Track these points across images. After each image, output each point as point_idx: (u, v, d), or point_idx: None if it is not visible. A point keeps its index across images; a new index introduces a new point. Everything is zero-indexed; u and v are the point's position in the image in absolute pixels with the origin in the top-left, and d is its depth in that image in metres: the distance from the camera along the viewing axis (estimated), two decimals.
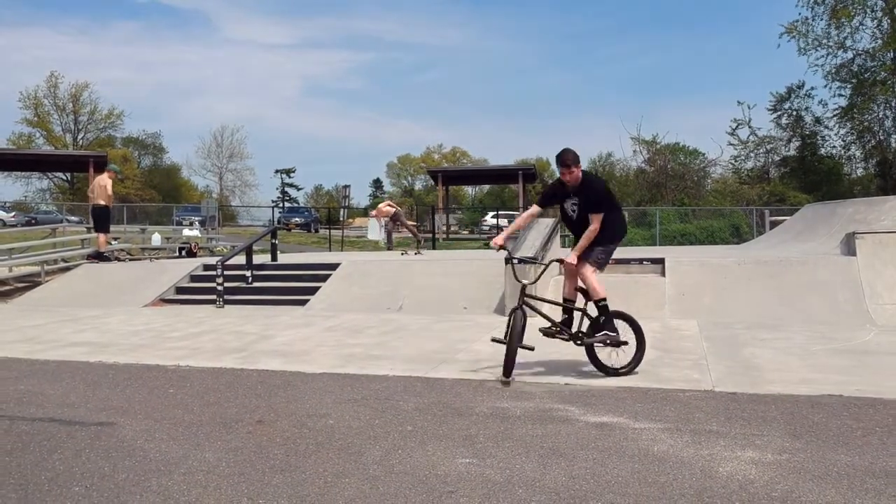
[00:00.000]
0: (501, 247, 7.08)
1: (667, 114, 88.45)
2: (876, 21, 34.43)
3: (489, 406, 5.98)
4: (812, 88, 37.89)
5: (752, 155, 38.21)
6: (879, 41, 34.46)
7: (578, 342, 7.13)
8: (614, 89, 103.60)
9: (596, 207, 6.95)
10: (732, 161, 38.81)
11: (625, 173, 47.18)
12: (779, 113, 38.06)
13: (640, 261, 13.29)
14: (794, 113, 38.03)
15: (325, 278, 14.36)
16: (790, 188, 33.95)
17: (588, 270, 7.06)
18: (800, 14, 36.18)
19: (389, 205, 22.00)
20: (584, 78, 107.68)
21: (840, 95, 36.35)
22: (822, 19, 34.89)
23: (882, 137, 35.82)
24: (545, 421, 5.50)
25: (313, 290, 13.82)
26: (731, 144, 38.65)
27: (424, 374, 7.33)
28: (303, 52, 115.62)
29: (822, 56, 35.40)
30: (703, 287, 11.90)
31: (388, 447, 4.87)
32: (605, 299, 7.02)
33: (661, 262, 12.93)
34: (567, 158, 6.89)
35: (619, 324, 7.15)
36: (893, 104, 34.85)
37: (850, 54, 35.24)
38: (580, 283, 7.19)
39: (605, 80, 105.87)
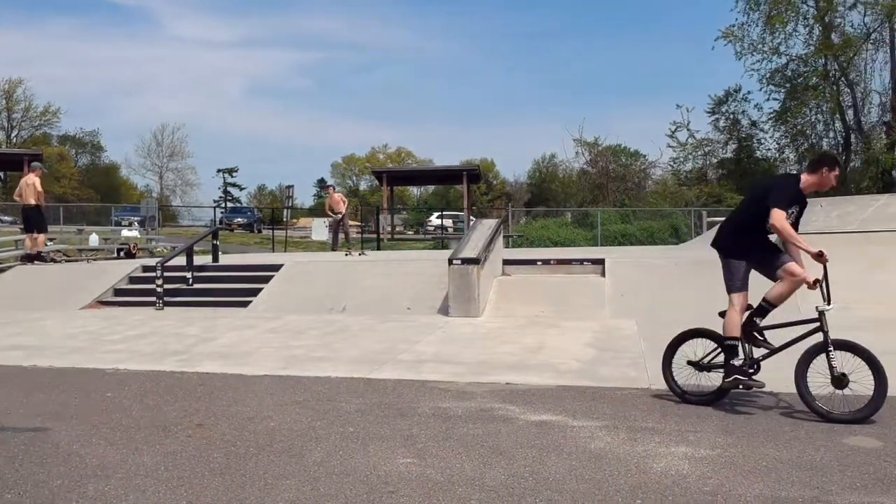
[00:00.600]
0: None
1: (609, 116, 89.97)
2: (808, 28, 35.57)
3: (431, 406, 6.03)
4: (748, 92, 38.95)
5: (690, 157, 39.16)
6: (811, 47, 35.59)
7: None
8: (558, 91, 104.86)
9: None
10: (672, 163, 39.72)
11: (568, 174, 47.88)
12: (716, 116, 39.06)
13: (581, 261, 13.49)
14: (732, 116, 39.06)
15: (267, 279, 14.24)
16: (727, 189, 34.84)
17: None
18: (736, 19, 37.16)
19: (343, 200, 20.88)
20: (529, 79, 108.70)
21: (774, 99, 37.44)
22: (757, 25, 35.91)
23: (814, 140, 37.00)
24: (486, 420, 5.57)
25: (256, 292, 13.70)
26: (671, 147, 39.54)
27: (367, 375, 7.35)
28: (247, 50, 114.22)
29: (758, 61, 36.38)
30: (642, 287, 12.13)
31: (330, 448, 4.88)
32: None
33: (601, 262, 13.15)
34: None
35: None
36: (824, 108, 36.01)
37: (783, 59, 36.34)
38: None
39: (549, 81, 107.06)
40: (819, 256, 5.71)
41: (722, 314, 6.25)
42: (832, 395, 5.62)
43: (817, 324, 5.89)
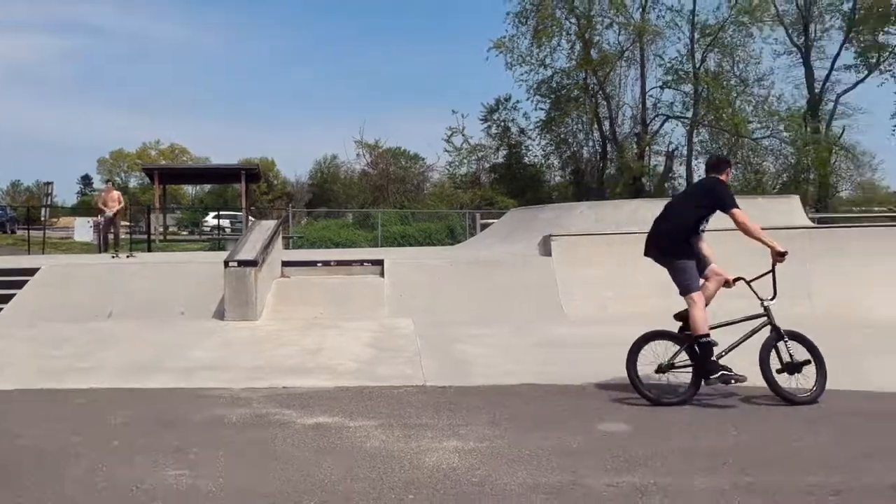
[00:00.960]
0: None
1: (391, 119, 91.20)
2: (571, 44, 38.25)
3: (204, 415, 5.83)
4: (517, 101, 41.16)
5: (465, 161, 40.76)
6: (573, 62, 38.29)
7: None
8: (341, 92, 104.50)
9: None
10: (448, 167, 41.09)
11: (349, 175, 48.05)
12: (489, 123, 40.93)
13: (361, 262, 13.60)
14: (503, 123, 41.07)
15: (21, 284, 13.03)
16: (499, 193, 36.58)
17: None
18: (506, 31, 39.17)
19: (120, 199, 19.02)
20: (314, 80, 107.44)
21: (541, 109, 39.84)
22: (525, 38, 38.05)
23: (576, 148, 39.87)
24: (262, 426, 5.48)
25: (7, 298, 12.49)
26: (447, 151, 40.88)
27: (134, 384, 6.96)
28: (2, 34, 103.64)
29: (526, 72, 38.54)
30: (420, 287, 12.45)
31: (91, 464, 4.57)
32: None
33: (380, 263, 13.33)
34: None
35: None
36: (584, 119, 38.87)
37: (549, 72, 38.79)
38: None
39: (332, 82, 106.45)
40: (782, 255, 6.15)
41: (678, 317, 6.56)
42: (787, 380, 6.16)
43: (764, 317, 6.40)
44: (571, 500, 3.98)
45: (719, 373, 6.12)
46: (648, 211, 15.63)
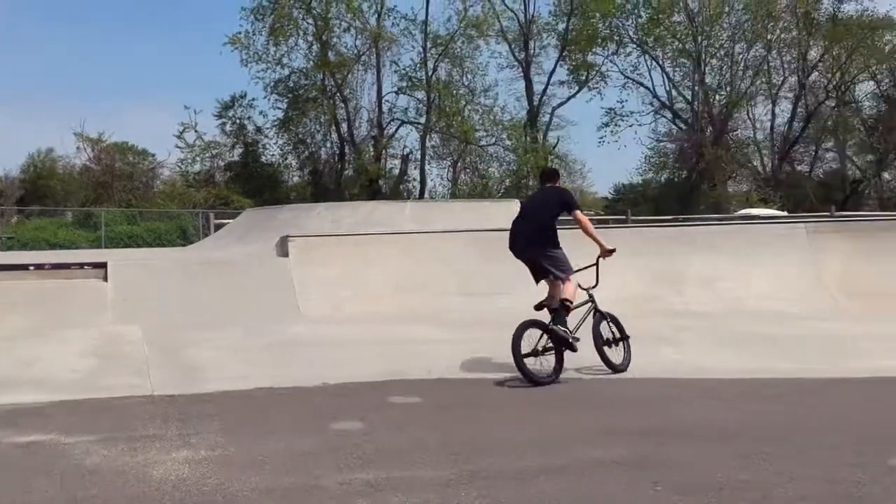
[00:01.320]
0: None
1: (117, 112, 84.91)
2: (309, 44, 38.22)
3: None
4: (254, 99, 40.25)
5: (199, 159, 39.18)
6: (311, 63, 38.29)
7: None
8: (58, 82, 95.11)
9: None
10: (180, 164, 39.27)
11: (69, 171, 44.16)
12: (224, 120, 39.65)
13: (82, 265, 12.60)
14: (238, 121, 40.01)
15: None
16: (235, 192, 35.56)
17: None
18: (241, 27, 38.17)
19: None
20: (24, 68, 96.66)
21: (278, 108, 39.35)
22: (262, 35, 37.42)
23: (314, 149, 39.88)
24: None
25: None
26: (179, 147, 39.06)
27: None
28: None
29: (263, 70, 37.91)
30: (148, 291, 11.78)
31: None
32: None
33: (103, 265, 12.43)
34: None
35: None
36: (322, 121, 39.01)
37: (286, 71, 38.45)
38: None
39: (47, 70, 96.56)
40: (609, 252, 7.79)
41: (538, 307, 7.68)
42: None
43: (590, 303, 7.92)
44: (305, 501, 4.03)
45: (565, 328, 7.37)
46: (384, 213, 16.21)
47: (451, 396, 6.46)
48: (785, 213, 31.78)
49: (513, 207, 16.95)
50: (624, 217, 27.25)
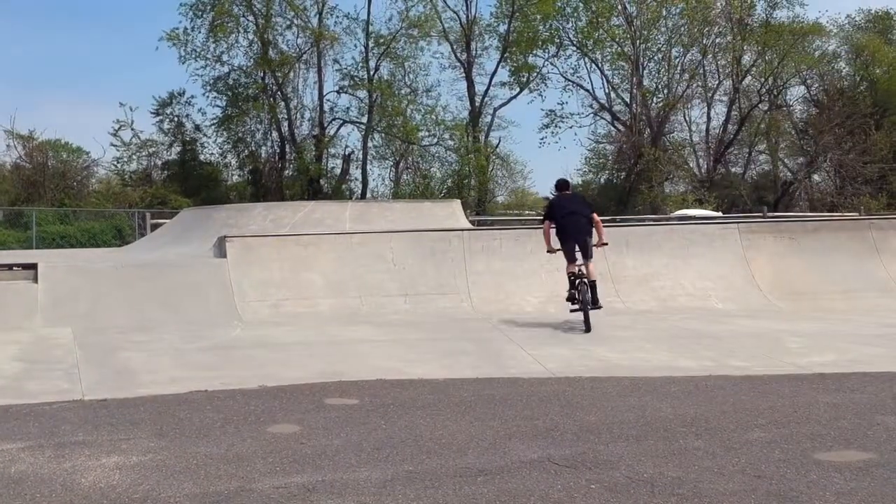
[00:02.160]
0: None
1: (50, 108, 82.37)
2: (249, 42, 37.70)
3: None
4: (192, 97, 39.46)
5: (135, 157, 38.30)
6: (252, 60, 37.78)
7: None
8: None
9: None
10: (116, 163, 38.33)
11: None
12: (161, 117, 38.79)
13: (10, 266, 12.23)
14: (176, 119, 39.17)
15: None
16: (172, 191, 34.82)
17: None
18: (180, 23, 37.43)
19: None
20: None
21: (217, 106, 38.67)
22: (200, 31, 36.75)
23: (254, 148, 39.31)
24: None
25: None
26: (114, 146, 38.12)
27: None
28: None
29: (202, 67, 37.25)
30: (80, 292, 11.49)
31: None
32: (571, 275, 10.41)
33: (33, 267, 12.08)
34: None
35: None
36: (263, 119, 38.51)
37: (226, 69, 37.84)
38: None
39: None
40: (605, 244, 10.86)
41: (574, 275, 10.33)
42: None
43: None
44: None
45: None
46: (325, 212, 16.10)
47: (388, 397, 6.44)
48: (720, 214, 32.57)
49: (454, 207, 17.11)
50: None
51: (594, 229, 10.61)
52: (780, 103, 45.96)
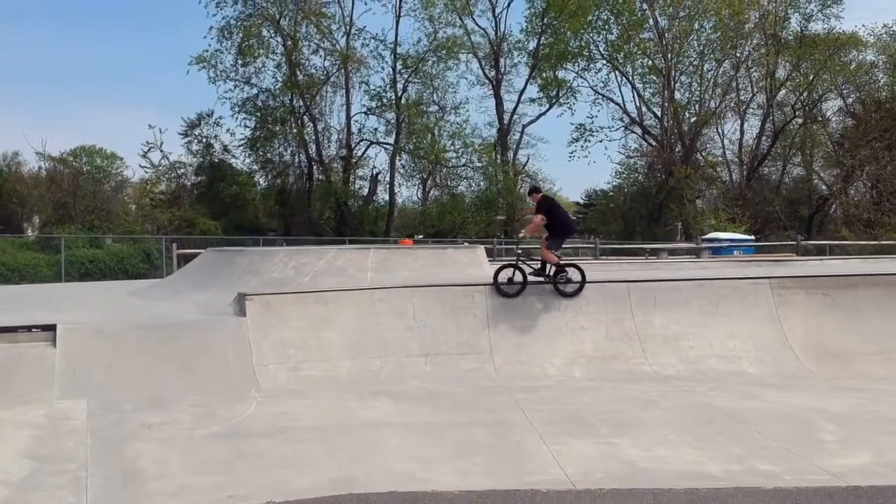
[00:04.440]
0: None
1: (81, 113, 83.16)
2: (277, 64, 37.90)
3: None
4: (221, 118, 39.79)
5: (163, 179, 38.65)
6: (280, 83, 37.94)
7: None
8: (24, 85, 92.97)
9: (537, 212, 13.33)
10: (145, 184, 38.68)
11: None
12: (189, 139, 39.14)
13: (29, 328, 12.14)
14: (205, 140, 39.51)
15: None
16: (200, 214, 35.07)
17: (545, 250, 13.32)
18: (209, 45, 37.63)
19: None
20: None
21: (246, 126, 38.92)
22: (230, 53, 36.98)
23: (282, 169, 39.46)
24: None
25: None
26: (143, 167, 38.55)
27: None
28: None
29: (231, 89, 37.49)
30: (98, 358, 11.34)
31: None
32: (557, 264, 13.14)
33: (52, 328, 12.00)
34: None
35: (571, 270, 13.23)
36: (291, 140, 38.67)
37: (255, 90, 38.06)
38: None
39: (19, 76, 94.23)
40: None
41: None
42: None
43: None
44: None
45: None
46: (347, 259, 15.86)
47: None
48: (751, 238, 31.96)
49: (478, 254, 16.78)
50: (592, 245, 27.11)
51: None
52: (815, 116, 45.10)
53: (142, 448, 8.22)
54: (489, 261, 16.93)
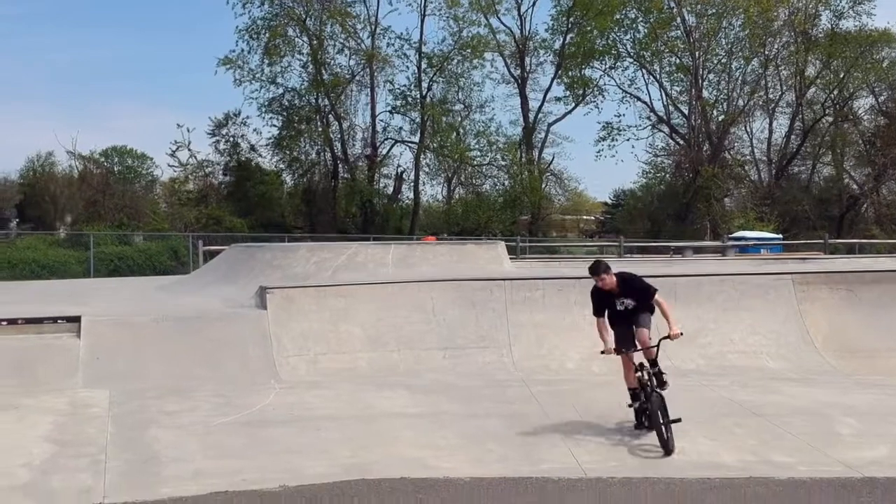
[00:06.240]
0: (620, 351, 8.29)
1: (112, 112, 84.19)
2: (303, 64, 38.19)
3: None
4: (247, 117, 40.15)
5: (191, 177, 39.11)
6: (306, 82, 38.21)
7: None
8: (56, 84, 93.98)
9: (651, 293, 8.39)
10: (174, 183, 39.17)
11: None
12: (217, 138, 39.57)
13: (55, 319, 12.37)
14: (232, 139, 39.91)
15: None
16: (227, 212, 35.41)
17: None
18: (237, 45, 38.02)
19: None
20: (24, 68, 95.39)
21: (273, 126, 39.24)
22: (256, 54, 37.32)
23: (308, 167, 39.74)
24: None
25: None
26: (171, 166, 39.04)
27: None
28: None
29: (257, 89, 37.84)
30: (121, 348, 11.52)
31: None
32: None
33: (77, 319, 12.21)
34: (599, 269, 8.15)
35: None
36: (316, 139, 38.92)
37: (281, 90, 38.37)
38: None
39: (46, 74, 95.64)
40: None
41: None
42: None
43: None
44: None
45: None
46: (368, 255, 15.96)
47: None
48: (779, 236, 31.62)
49: (498, 250, 16.80)
50: (616, 243, 27.00)
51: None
52: (846, 114, 44.44)
53: (160, 434, 8.35)
54: (511, 258, 16.95)
